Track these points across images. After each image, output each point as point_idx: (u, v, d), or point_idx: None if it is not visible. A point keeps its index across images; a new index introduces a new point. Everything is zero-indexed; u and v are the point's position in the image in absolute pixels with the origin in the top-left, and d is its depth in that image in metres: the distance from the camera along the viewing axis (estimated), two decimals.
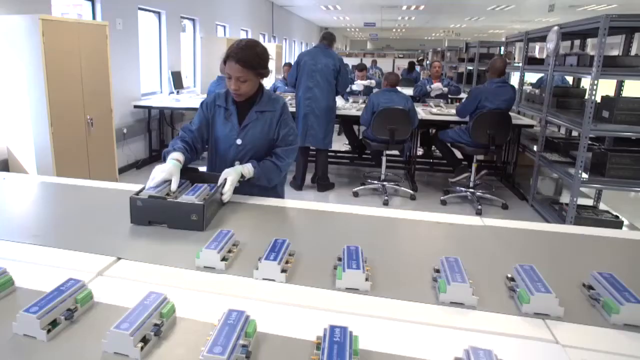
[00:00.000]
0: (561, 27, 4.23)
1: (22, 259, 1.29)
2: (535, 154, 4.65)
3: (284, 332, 0.99)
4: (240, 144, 1.90)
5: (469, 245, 1.54)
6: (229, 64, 1.78)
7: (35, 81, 3.49)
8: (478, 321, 1.08)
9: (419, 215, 1.80)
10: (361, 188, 5.03)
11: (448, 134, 4.79)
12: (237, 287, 1.18)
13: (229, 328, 0.90)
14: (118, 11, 5.21)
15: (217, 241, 1.31)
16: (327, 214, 1.81)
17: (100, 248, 1.37)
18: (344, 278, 1.18)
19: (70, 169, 3.75)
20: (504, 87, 4.40)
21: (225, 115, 1.92)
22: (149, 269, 1.27)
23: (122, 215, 1.61)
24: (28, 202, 1.87)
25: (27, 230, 1.51)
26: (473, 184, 4.70)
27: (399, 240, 1.60)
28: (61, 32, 3.60)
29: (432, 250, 1.49)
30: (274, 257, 1.23)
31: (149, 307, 0.96)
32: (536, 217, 4.41)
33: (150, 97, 6.13)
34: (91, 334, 0.97)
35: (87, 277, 1.18)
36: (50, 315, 0.95)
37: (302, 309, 1.10)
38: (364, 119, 4.67)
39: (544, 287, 1.11)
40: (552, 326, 1.05)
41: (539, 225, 1.76)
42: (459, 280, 1.14)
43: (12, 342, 0.92)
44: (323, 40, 4.77)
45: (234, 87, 1.80)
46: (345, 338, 0.89)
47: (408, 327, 1.05)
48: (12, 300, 1.08)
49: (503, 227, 1.72)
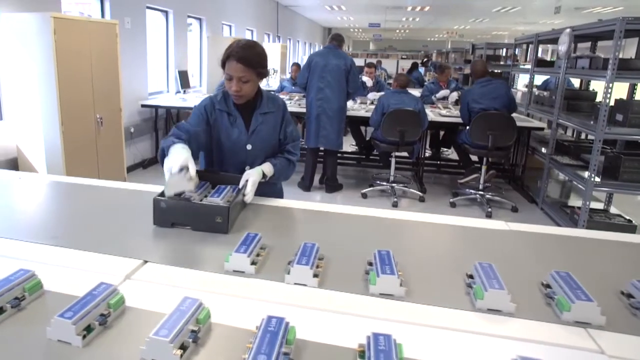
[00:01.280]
0: (574, 30, 4.21)
1: (47, 261, 1.27)
2: (545, 156, 4.63)
3: (324, 339, 0.96)
4: (251, 149, 1.87)
5: (496, 250, 1.51)
6: (230, 64, 1.72)
7: (46, 79, 3.47)
8: (518, 329, 1.05)
9: (441, 219, 1.77)
10: (370, 189, 5.00)
11: (459, 135, 4.77)
12: (269, 292, 1.16)
13: (271, 335, 0.88)
14: (126, 10, 5.19)
15: (246, 245, 1.29)
16: (347, 217, 1.78)
17: (125, 251, 1.34)
18: (379, 283, 1.16)
19: (80, 168, 3.73)
20: (488, 85, 4.45)
21: (230, 121, 1.85)
22: (176, 273, 1.24)
23: (143, 216, 1.59)
24: (46, 202, 1.85)
25: (48, 231, 1.49)
26: (482, 186, 4.68)
27: (426, 244, 1.58)
28: (72, 30, 3.58)
29: (460, 254, 1.47)
30: (306, 261, 1.21)
31: (186, 313, 0.93)
32: (546, 220, 4.38)
33: (157, 96, 6.12)
34: (126, 340, 0.94)
35: (115, 281, 1.16)
36: (85, 320, 0.93)
37: (339, 315, 1.08)
38: (373, 120, 4.65)
39: (584, 295, 1.08)
40: (595, 335, 1.03)
41: (564, 230, 1.74)
42: (496, 286, 1.12)
43: (47, 348, 0.90)
44: (332, 41, 4.75)
45: (235, 89, 1.73)
46: (391, 346, 0.87)
47: (448, 335, 1.02)
48: (42, 304, 1.06)
49: (529, 232, 1.69)
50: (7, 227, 1.52)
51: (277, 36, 12.71)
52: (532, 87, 5.57)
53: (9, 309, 1.00)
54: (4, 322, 0.98)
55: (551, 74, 5.28)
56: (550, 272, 1.22)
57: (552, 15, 12.80)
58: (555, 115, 4.50)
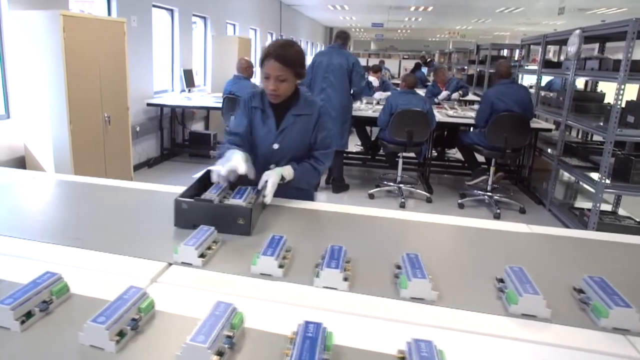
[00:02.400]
0: (584, 31, 4.19)
1: (70, 263, 1.25)
2: (554, 158, 4.61)
3: (362, 344, 0.95)
4: (278, 148, 1.85)
5: (521, 253, 1.50)
6: (268, 62, 1.72)
7: (55, 77, 3.44)
8: (554, 335, 1.03)
9: (461, 221, 1.76)
10: (376, 190, 4.98)
11: (468, 136, 4.75)
12: (298, 296, 1.14)
13: (310, 341, 0.86)
14: (133, 8, 5.16)
15: (272, 247, 1.26)
16: (367, 218, 1.76)
17: (149, 253, 1.32)
18: (410, 287, 1.14)
19: (87, 167, 3.71)
20: (511, 86, 4.42)
21: (262, 118, 1.87)
22: (203, 276, 1.22)
23: (163, 217, 1.58)
24: (62, 202, 1.83)
25: (68, 232, 1.47)
26: (491, 188, 4.66)
27: (449, 246, 1.57)
28: (81, 28, 3.55)
29: (486, 257, 1.45)
30: (335, 264, 1.19)
31: (221, 318, 0.91)
32: (555, 222, 4.36)
33: (162, 95, 6.09)
34: (159, 345, 0.92)
35: (142, 284, 1.14)
36: (118, 325, 0.91)
37: (372, 319, 1.06)
38: (381, 121, 4.63)
39: (622, 301, 1.07)
40: (635, 342, 1.01)
41: (587, 234, 1.73)
42: (530, 291, 1.10)
43: (80, 354, 0.88)
44: (337, 40, 4.72)
45: (272, 88, 1.74)
46: (433, 353, 0.85)
47: (484, 341, 1.01)
48: (70, 308, 1.04)
49: (552, 235, 1.68)
50: (28, 228, 1.50)
51: (280, 35, 12.68)
52: (539, 88, 5.55)
53: (37, 313, 0.98)
54: (33, 326, 0.96)
55: (559, 75, 5.25)
56: (583, 277, 1.20)
57: (555, 16, 12.78)
58: (563, 117, 4.48)
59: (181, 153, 6.30)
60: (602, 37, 4.77)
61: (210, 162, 6.11)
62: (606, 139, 3.54)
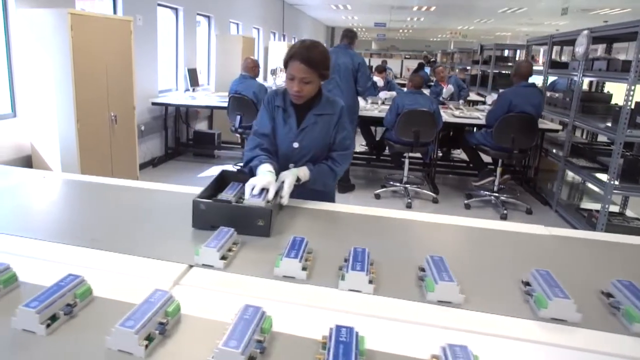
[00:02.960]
0: (592, 31, 4.17)
1: (91, 265, 1.23)
2: (561, 158, 4.59)
3: (394, 349, 0.93)
4: (297, 147, 1.84)
5: (543, 256, 1.48)
6: (293, 64, 1.71)
7: (62, 76, 3.42)
8: (585, 340, 1.02)
9: (479, 223, 1.74)
10: (382, 190, 4.97)
11: (474, 136, 4.73)
12: (324, 299, 1.12)
13: (344, 346, 0.85)
14: (138, 7, 5.14)
15: (295, 249, 1.25)
16: (381, 219, 1.74)
17: (168, 254, 1.30)
18: (437, 290, 1.12)
19: (94, 166, 3.69)
20: (531, 89, 4.35)
21: (284, 117, 1.86)
22: (225, 278, 1.20)
23: (179, 217, 1.56)
24: (76, 202, 1.81)
25: (85, 233, 1.45)
26: (497, 188, 4.64)
27: (469, 248, 1.55)
28: (89, 27, 3.53)
29: (508, 259, 1.44)
30: (360, 267, 1.17)
31: (251, 322, 0.90)
32: (562, 223, 4.35)
33: (166, 94, 6.07)
34: (187, 350, 0.91)
35: (164, 287, 1.12)
36: (146, 329, 0.89)
37: (400, 323, 1.04)
38: (388, 121, 4.61)
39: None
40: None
41: (607, 236, 1.70)
42: (560, 295, 1.08)
43: (108, 358, 0.86)
44: (344, 39, 4.70)
45: (296, 89, 1.72)
46: (469, 358, 0.84)
47: (513, 345, 0.99)
48: (94, 311, 1.02)
49: (570, 237, 1.66)
50: (44, 228, 1.49)
51: (283, 35, 12.67)
52: (546, 89, 5.52)
53: (62, 316, 0.96)
54: (58, 329, 0.94)
55: (566, 75, 5.23)
56: (611, 281, 1.18)
57: (557, 17, 12.76)
58: (571, 118, 4.46)
59: (185, 152, 6.28)
60: (609, 38, 4.75)
61: (215, 161, 6.09)
62: (615, 140, 3.53)
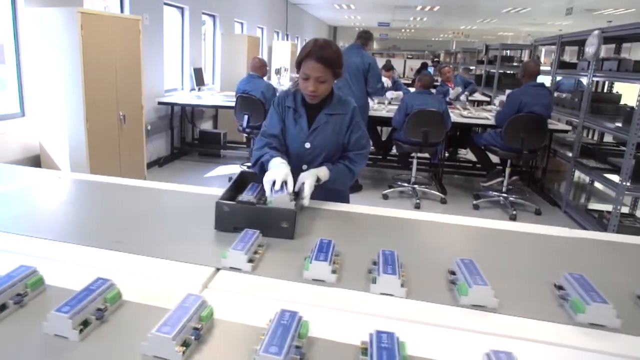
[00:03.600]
0: (603, 31, 4.15)
1: (117, 268, 1.21)
2: (570, 159, 4.57)
3: (434, 355, 0.91)
4: (309, 147, 1.82)
5: (570, 258, 1.46)
6: (308, 63, 1.69)
7: (72, 75, 3.40)
8: (626, 346, 1.00)
9: (502, 225, 1.72)
10: (390, 190, 4.95)
11: (482, 137, 4.71)
12: (356, 302, 1.10)
13: (387, 353, 0.83)
14: (145, 6, 5.12)
15: (324, 252, 1.23)
16: (401, 221, 1.73)
17: (193, 257, 1.28)
18: (471, 294, 1.10)
19: (103, 166, 3.67)
20: (541, 89, 4.33)
21: (294, 117, 1.84)
22: (254, 281, 1.18)
23: (198, 219, 1.55)
24: (95, 203, 1.78)
25: (108, 235, 1.43)
26: (506, 189, 4.62)
27: (496, 250, 1.52)
28: (98, 26, 3.51)
29: (535, 263, 1.42)
30: (392, 270, 1.15)
31: (290, 328, 0.88)
32: (572, 224, 4.32)
33: (172, 93, 6.05)
34: (223, 356, 0.89)
35: (194, 291, 1.10)
36: (182, 336, 0.87)
37: (437, 328, 1.02)
38: (396, 121, 4.59)
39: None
40: None
41: (629, 238, 1.68)
42: (598, 300, 1.06)
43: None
44: (358, 40, 4.68)
45: (312, 89, 1.70)
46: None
47: (555, 351, 0.97)
48: (124, 316, 1.00)
49: (597, 240, 1.64)
50: (66, 230, 1.47)
51: (286, 34, 12.64)
52: (554, 89, 5.50)
53: (93, 321, 0.94)
54: (90, 335, 0.92)
55: (575, 75, 5.21)
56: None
57: (561, 17, 12.74)
58: (580, 118, 4.44)
59: (191, 152, 6.27)
60: (618, 38, 4.73)
61: (220, 161, 6.07)
62: (628, 141, 3.50)
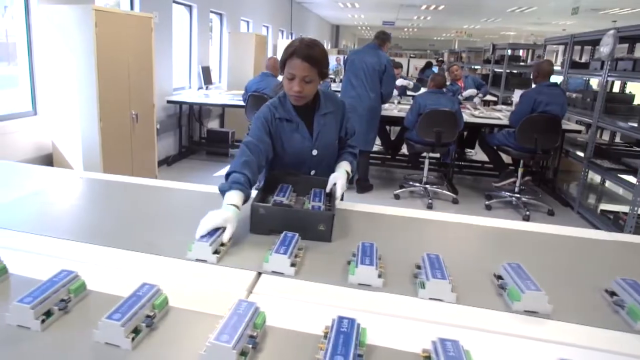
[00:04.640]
0: (619, 31, 4.11)
1: (160, 274, 1.18)
2: (583, 160, 4.54)
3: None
4: (316, 154, 1.77)
5: (615, 263, 1.44)
6: (293, 62, 1.58)
7: (86, 74, 3.37)
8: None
9: (534, 227, 1.70)
10: (401, 190, 4.92)
11: (495, 137, 4.67)
12: (404, 308, 1.07)
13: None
14: (154, 4, 5.09)
15: (368, 256, 1.20)
16: (433, 223, 1.70)
17: (233, 260, 1.25)
18: (524, 300, 1.07)
19: (115, 165, 3.64)
20: (555, 89, 4.29)
21: (291, 128, 1.73)
22: (299, 286, 1.15)
23: None
24: (120, 205, 1.75)
25: (139, 237, 1.40)
26: (518, 189, 4.59)
27: (537, 254, 1.49)
28: (112, 23, 3.48)
29: (580, 266, 1.40)
30: (441, 275, 1.12)
31: (351, 336, 0.85)
32: (585, 225, 4.29)
33: (180, 92, 6.02)
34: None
35: (240, 296, 1.07)
36: (240, 344, 0.84)
37: (491, 334, 0.99)
38: (409, 121, 4.56)
39: None
40: None
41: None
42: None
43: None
44: (375, 40, 4.64)
45: (297, 89, 1.61)
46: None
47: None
48: (174, 322, 0.97)
49: (635, 243, 1.61)
50: (101, 233, 1.43)
51: (290, 33, 12.61)
52: (566, 89, 5.46)
53: (143, 329, 0.91)
54: (141, 342, 0.89)
55: (588, 75, 5.18)
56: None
57: (566, 16, 12.67)
58: (594, 118, 4.40)
59: (198, 151, 6.24)
60: (632, 38, 4.70)
61: (229, 160, 6.03)
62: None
